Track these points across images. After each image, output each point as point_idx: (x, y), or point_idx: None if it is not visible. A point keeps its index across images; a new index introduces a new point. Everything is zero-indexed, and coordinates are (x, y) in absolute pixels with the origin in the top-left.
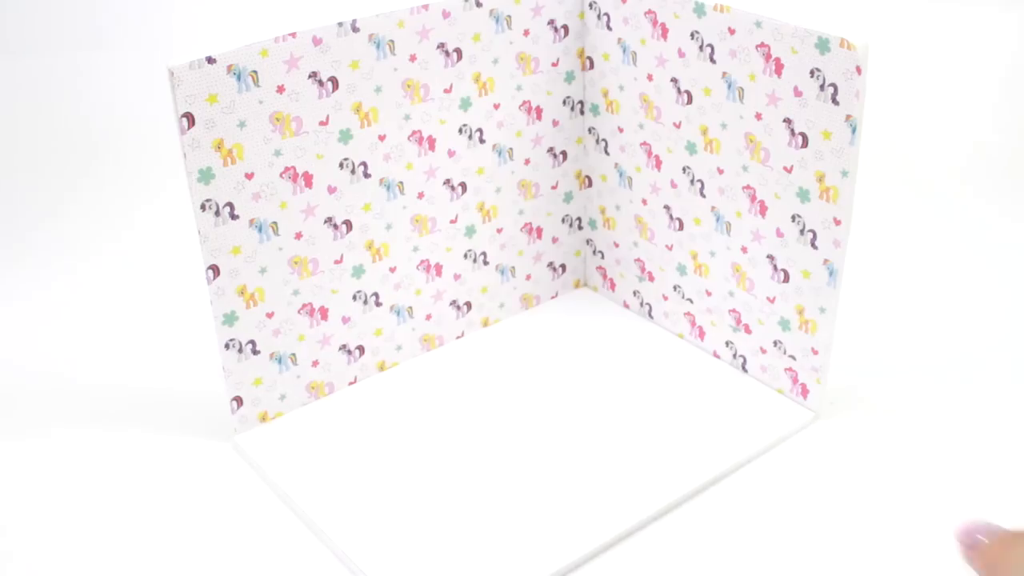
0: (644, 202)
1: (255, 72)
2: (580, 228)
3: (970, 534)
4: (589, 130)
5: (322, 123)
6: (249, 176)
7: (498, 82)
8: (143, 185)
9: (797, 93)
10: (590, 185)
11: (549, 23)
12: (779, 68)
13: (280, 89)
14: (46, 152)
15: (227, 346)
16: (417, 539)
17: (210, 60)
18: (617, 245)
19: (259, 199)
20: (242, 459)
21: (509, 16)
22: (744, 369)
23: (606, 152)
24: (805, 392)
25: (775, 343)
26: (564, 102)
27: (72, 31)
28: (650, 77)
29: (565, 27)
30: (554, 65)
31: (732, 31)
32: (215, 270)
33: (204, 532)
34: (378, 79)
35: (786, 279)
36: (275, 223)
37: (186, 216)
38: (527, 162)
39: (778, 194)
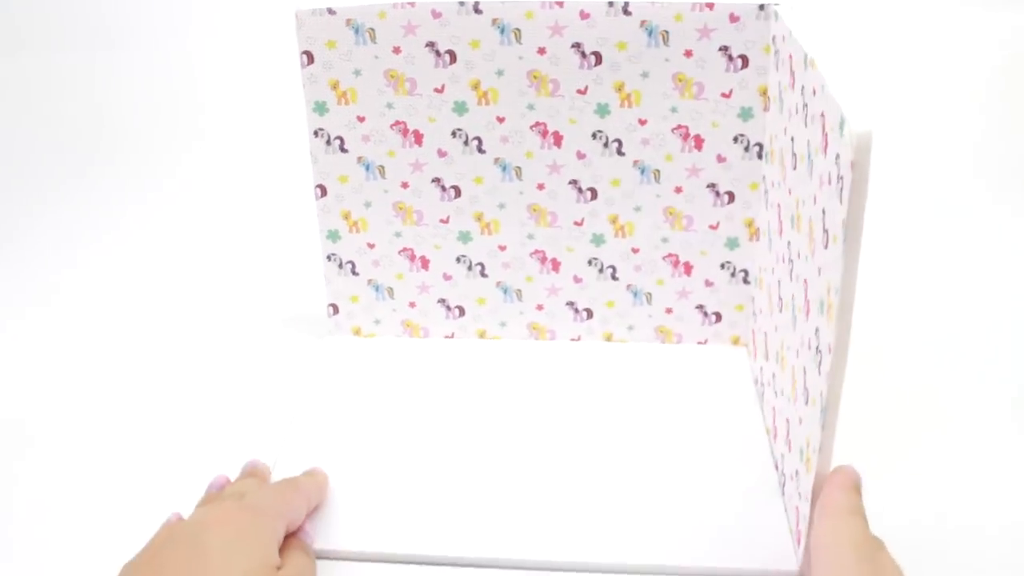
0: (772, 271)
1: (372, 29)
2: (747, 282)
3: None
4: (763, 177)
5: (437, 90)
6: (361, 119)
7: (646, 97)
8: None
9: (829, 181)
10: (759, 238)
11: (721, 49)
12: (826, 145)
13: (396, 50)
14: (63, 141)
15: (329, 258)
16: (389, 511)
17: (331, 11)
18: (762, 311)
19: (368, 142)
20: (323, 359)
21: (666, 32)
22: (783, 491)
23: (767, 205)
24: (799, 539)
25: (795, 473)
26: (736, 139)
27: (77, 29)
28: (785, 131)
29: (743, 58)
30: (725, 96)
31: (815, 91)
32: (322, 189)
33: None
34: (500, 63)
35: (807, 401)
36: (382, 167)
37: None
38: (678, 190)
39: (813, 298)
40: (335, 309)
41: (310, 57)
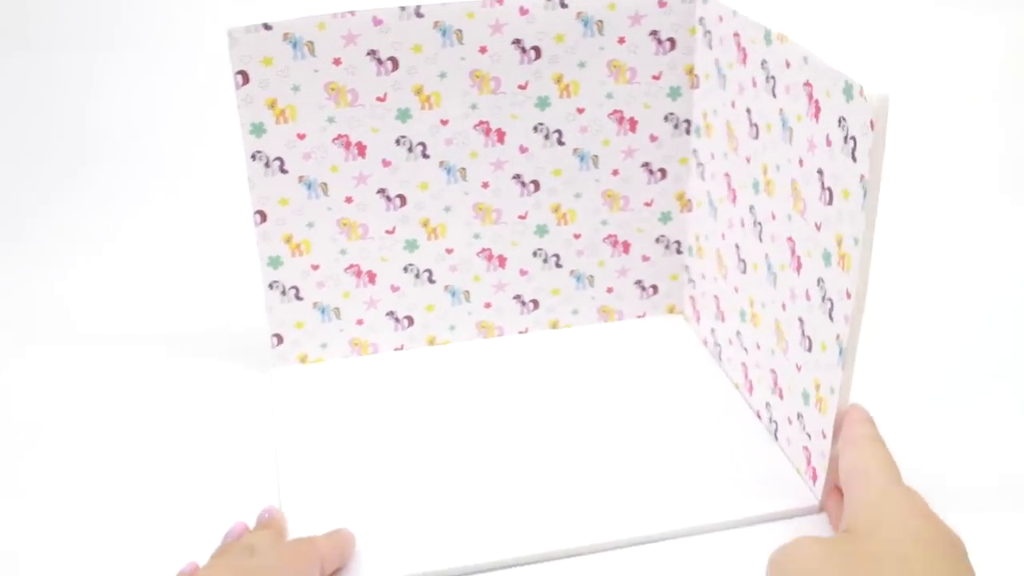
0: (723, 236)
1: (311, 42)
2: (679, 252)
3: None
4: (693, 151)
5: (379, 99)
6: (300, 136)
7: (583, 87)
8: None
9: (828, 143)
10: (691, 209)
11: (651, 34)
12: (817, 111)
13: (336, 62)
14: (54, 142)
15: (271, 286)
16: (362, 517)
17: (267, 26)
18: (704, 276)
19: (309, 159)
20: (271, 392)
21: (600, 21)
22: (776, 437)
23: (702, 177)
24: (815, 477)
25: (798, 416)
26: (666, 118)
27: (75, 29)
28: (733, 104)
29: (671, 40)
30: (655, 78)
31: (788, 64)
32: (262, 215)
33: (197, 446)
34: (443, 65)
35: (810, 348)
36: (325, 184)
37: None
38: (615, 173)
39: (811, 252)
40: (279, 339)
41: (245, 77)
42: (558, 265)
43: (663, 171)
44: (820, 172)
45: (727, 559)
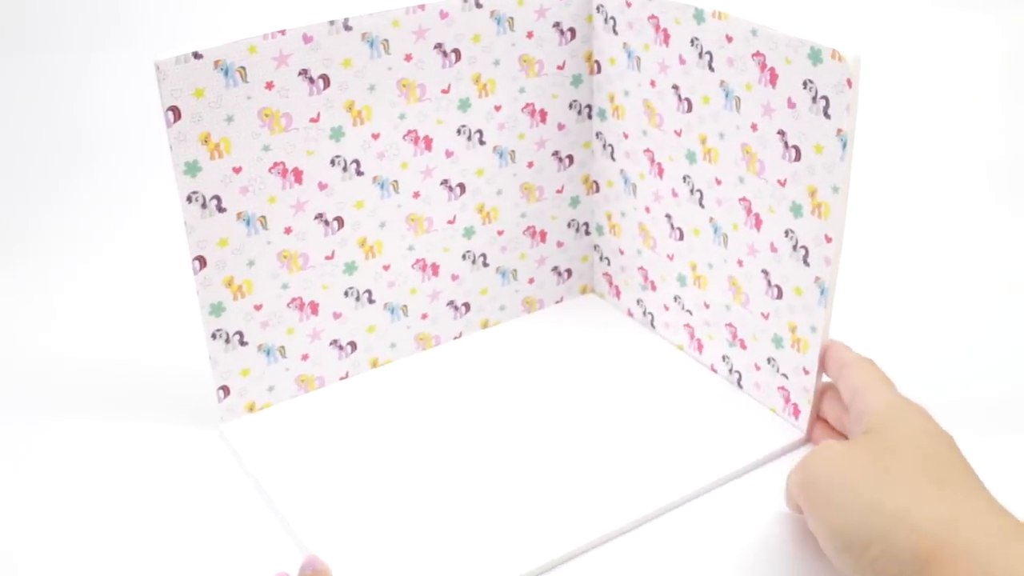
0: (647, 210)
1: (243, 68)
2: (587, 234)
3: None
4: (597, 135)
5: (313, 120)
6: (237, 170)
7: (499, 84)
8: (128, 181)
9: (791, 105)
10: (597, 190)
11: (555, 26)
12: (774, 78)
13: (269, 86)
14: (34, 151)
15: (214, 336)
16: (386, 539)
17: (196, 55)
18: (622, 252)
19: (247, 193)
20: (227, 447)
21: (512, 18)
22: (739, 385)
23: (612, 158)
24: (797, 412)
25: (769, 360)
26: (571, 106)
27: (57, 30)
28: (653, 83)
29: (572, 30)
30: (560, 68)
31: (730, 39)
32: (201, 261)
33: (178, 519)
34: (371, 78)
35: (779, 295)
36: (264, 217)
37: (172, 210)
38: (530, 165)
39: (772, 208)
40: (226, 391)
41: (176, 113)
42: (485, 264)
43: (571, 157)
44: (782, 133)
45: (734, 512)
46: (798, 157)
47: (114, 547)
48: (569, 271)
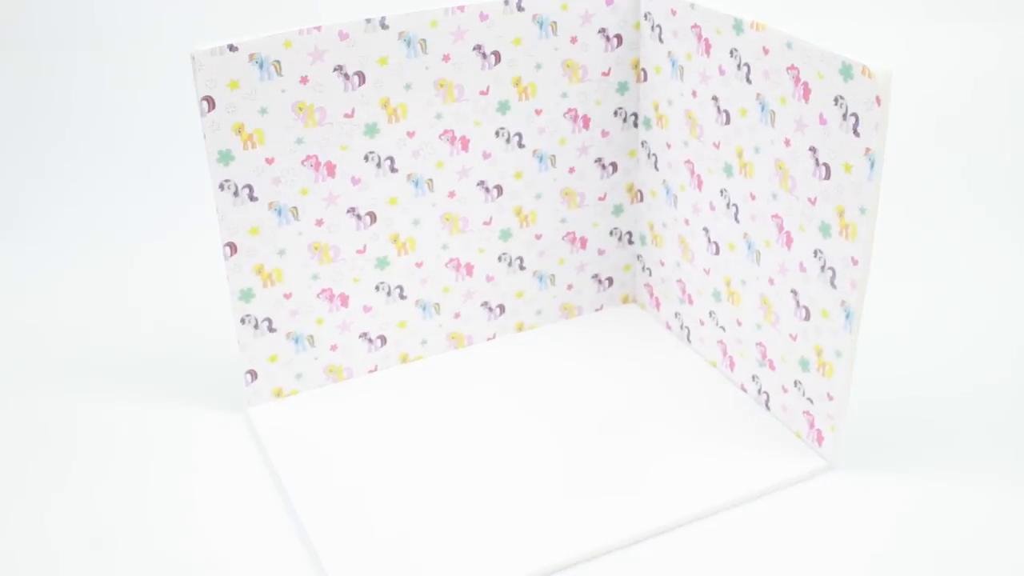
0: (687, 222)
1: (277, 62)
2: (631, 243)
3: None
4: (642, 143)
5: (347, 115)
6: (269, 161)
7: (540, 88)
8: (162, 170)
9: (822, 121)
10: (641, 200)
11: (600, 32)
12: (807, 93)
13: (304, 80)
14: (73, 140)
15: (243, 321)
16: (394, 537)
17: (232, 48)
18: (663, 264)
19: (279, 184)
20: (250, 432)
21: (555, 22)
22: (767, 407)
23: (656, 167)
24: (820, 439)
25: (795, 383)
26: (616, 113)
27: (74, 27)
28: (695, 93)
29: (619, 36)
30: (605, 75)
31: (766, 51)
32: (232, 247)
33: (198, 499)
34: (408, 76)
35: (807, 317)
36: (295, 208)
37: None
38: (571, 171)
39: (803, 226)
40: (253, 375)
41: (211, 103)
42: (522, 267)
43: (614, 165)
44: (813, 150)
45: (745, 534)
46: (828, 175)
47: (134, 522)
48: (610, 279)
